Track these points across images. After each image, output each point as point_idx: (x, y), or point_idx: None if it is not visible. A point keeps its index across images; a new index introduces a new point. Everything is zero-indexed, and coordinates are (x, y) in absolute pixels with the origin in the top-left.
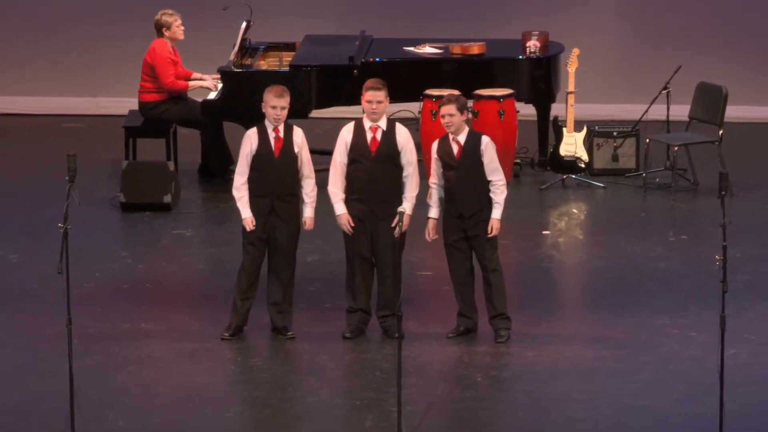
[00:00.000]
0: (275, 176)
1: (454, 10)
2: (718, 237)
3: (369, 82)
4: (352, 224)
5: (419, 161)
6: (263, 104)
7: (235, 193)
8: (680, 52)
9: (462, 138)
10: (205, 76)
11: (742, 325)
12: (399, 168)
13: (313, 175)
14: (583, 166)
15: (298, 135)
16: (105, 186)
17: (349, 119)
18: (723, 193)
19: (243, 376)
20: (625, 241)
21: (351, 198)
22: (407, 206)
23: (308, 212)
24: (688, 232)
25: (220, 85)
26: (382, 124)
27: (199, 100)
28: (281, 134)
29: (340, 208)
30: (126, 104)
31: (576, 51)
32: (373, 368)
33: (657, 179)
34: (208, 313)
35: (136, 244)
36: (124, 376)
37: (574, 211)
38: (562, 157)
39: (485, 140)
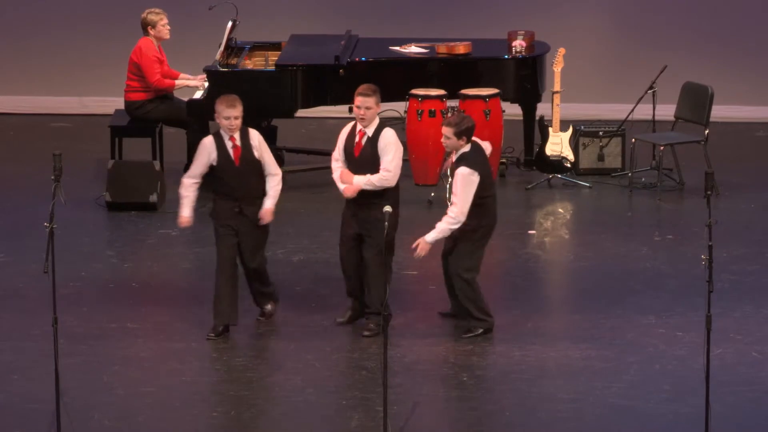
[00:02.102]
0: (239, 183)
1: (440, 9)
2: (704, 237)
3: (360, 88)
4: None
5: (404, 161)
6: (216, 115)
7: (183, 190)
8: (666, 52)
9: (455, 156)
10: (192, 77)
11: (728, 325)
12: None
13: (278, 171)
14: (569, 165)
15: (255, 138)
16: (91, 185)
17: (335, 119)
18: (709, 192)
19: (229, 376)
20: (611, 241)
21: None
22: (363, 181)
23: (268, 204)
24: (674, 232)
25: (206, 84)
26: (370, 130)
27: (185, 99)
28: (238, 142)
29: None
30: (112, 104)
31: (562, 51)
32: (359, 368)
33: (643, 179)
34: (194, 312)
35: (121, 244)
36: (110, 376)
37: (560, 210)
38: (548, 156)
39: (461, 171)
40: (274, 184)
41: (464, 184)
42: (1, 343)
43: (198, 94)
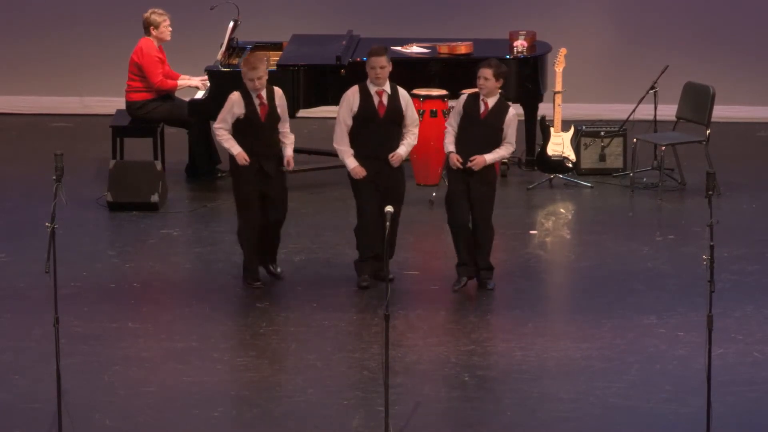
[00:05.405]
0: (263, 140)
1: (442, 10)
2: (706, 237)
3: (371, 49)
4: (365, 174)
5: (405, 161)
6: (243, 76)
7: (222, 133)
8: (667, 52)
9: (492, 101)
10: (193, 78)
11: (729, 325)
12: (401, 128)
13: (288, 123)
14: (570, 165)
15: (279, 95)
16: (92, 185)
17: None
18: (710, 192)
19: (230, 376)
20: (612, 241)
21: (360, 156)
22: (403, 150)
23: (288, 151)
24: (675, 232)
25: (208, 84)
26: (387, 88)
27: (187, 99)
28: (265, 100)
29: (351, 162)
30: (113, 104)
31: (563, 51)
32: (361, 368)
33: (644, 179)
34: (195, 312)
35: (123, 244)
36: (111, 376)
37: (562, 210)
38: (550, 156)
39: (511, 113)
40: (288, 132)
41: (516, 124)
42: (2, 343)
43: (200, 95)
